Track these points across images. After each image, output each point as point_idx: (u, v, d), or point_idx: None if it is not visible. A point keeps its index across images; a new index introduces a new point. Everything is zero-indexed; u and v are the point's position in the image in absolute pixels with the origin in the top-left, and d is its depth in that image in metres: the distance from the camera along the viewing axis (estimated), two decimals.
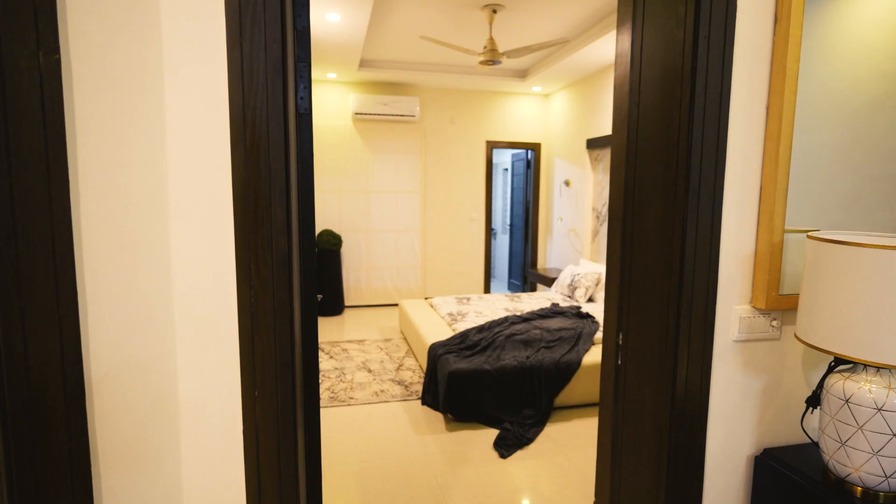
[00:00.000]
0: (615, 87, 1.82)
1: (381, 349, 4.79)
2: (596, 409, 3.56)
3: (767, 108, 1.26)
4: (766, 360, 1.35)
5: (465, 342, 3.77)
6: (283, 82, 1.02)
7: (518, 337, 3.84)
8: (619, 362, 1.52)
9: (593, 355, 3.66)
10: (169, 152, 0.95)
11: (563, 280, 5.59)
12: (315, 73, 5.94)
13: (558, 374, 3.49)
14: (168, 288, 0.97)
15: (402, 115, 6.27)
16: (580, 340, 3.85)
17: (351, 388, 3.83)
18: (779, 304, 1.30)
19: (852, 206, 1.35)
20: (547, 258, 7.19)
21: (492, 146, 6.90)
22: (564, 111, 6.52)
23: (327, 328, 5.57)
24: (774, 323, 1.34)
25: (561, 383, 3.49)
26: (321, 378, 4.02)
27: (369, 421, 3.32)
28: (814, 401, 1.26)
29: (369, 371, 4.20)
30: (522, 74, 6.25)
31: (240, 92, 0.97)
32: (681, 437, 1.31)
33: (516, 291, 7.76)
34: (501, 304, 5.08)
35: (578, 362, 3.55)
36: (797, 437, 1.40)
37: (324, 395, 3.70)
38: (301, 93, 1.27)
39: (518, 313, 4.60)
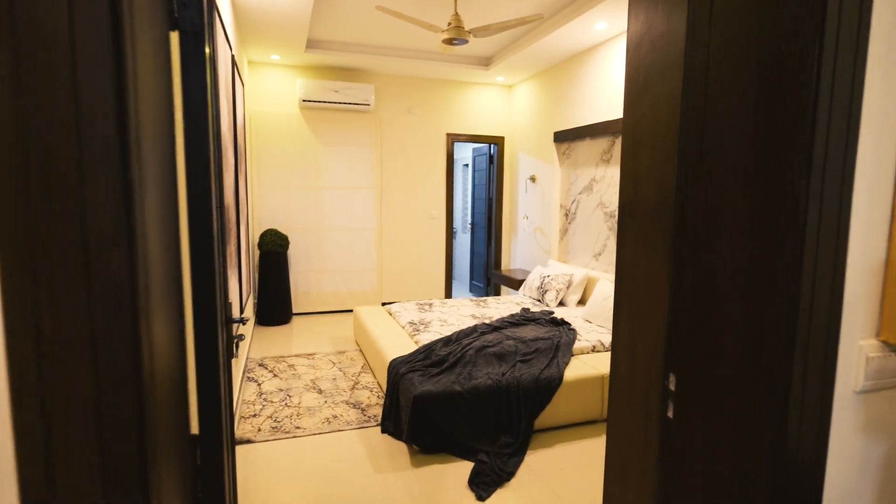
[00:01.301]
0: (628, 49, 1.49)
1: (334, 364, 4.24)
2: (581, 430, 3.15)
3: None
4: (891, 417, 0.95)
5: (430, 357, 3.29)
6: None
7: (490, 349, 3.38)
8: (670, 415, 1.08)
9: (574, 369, 3.26)
10: None
11: (531, 282, 5.20)
12: (257, 55, 5.28)
13: (538, 392, 3.06)
14: None
15: (355, 104, 5.70)
16: (559, 352, 3.44)
17: (298, 415, 3.26)
18: None
19: None
20: (511, 259, 6.79)
21: (453, 139, 6.43)
22: (530, 103, 6.13)
23: (272, 340, 4.95)
24: None
25: (541, 402, 3.06)
26: (262, 403, 3.43)
27: (319, 456, 2.78)
28: None
29: (320, 392, 3.64)
30: (486, 62, 5.81)
31: None
32: None
33: (479, 294, 7.33)
34: (467, 310, 4.62)
35: (560, 378, 3.13)
36: None
37: (265, 424, 3.12)
38: None
39: (487, 321, 4.16)
